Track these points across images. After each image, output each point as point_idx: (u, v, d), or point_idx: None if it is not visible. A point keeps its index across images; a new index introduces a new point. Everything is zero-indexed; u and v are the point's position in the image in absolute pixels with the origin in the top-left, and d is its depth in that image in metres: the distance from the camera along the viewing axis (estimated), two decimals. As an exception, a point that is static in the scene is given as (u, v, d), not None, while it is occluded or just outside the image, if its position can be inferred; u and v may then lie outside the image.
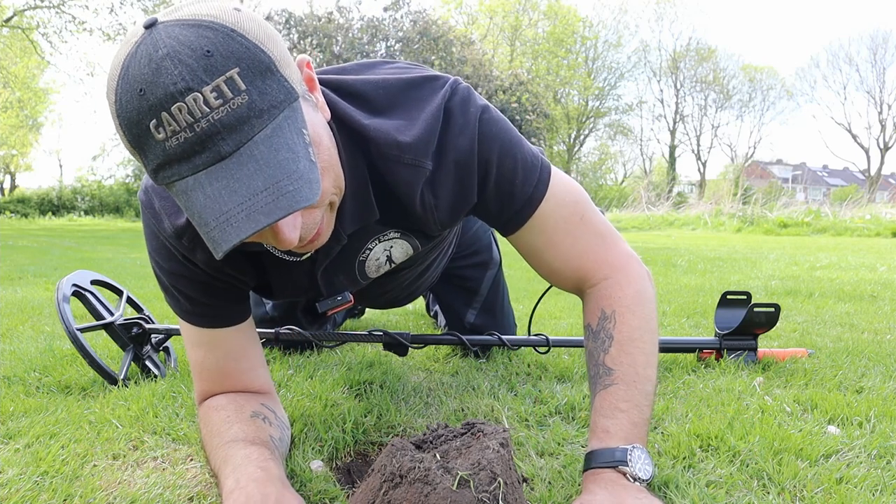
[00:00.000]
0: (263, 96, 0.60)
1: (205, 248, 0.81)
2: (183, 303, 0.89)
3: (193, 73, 0.57)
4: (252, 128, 0.60)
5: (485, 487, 0.63)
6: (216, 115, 0.58)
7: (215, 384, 0.92)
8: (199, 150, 0.59)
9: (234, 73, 0.58)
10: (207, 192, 0.59)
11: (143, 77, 0.58)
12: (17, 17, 14.13)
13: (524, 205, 0.87)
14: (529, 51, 26.23)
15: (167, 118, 0.58)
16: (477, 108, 0.83)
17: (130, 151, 0.64)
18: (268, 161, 0.59)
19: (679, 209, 14.07)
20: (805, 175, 41.12)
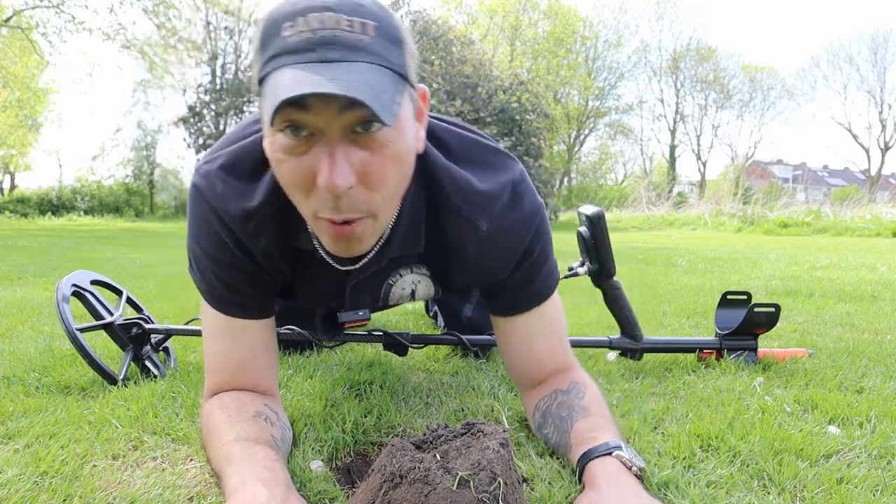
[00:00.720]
0: (386, 51, 0.66)
1: (269, 234, 0.84)
2: (219, 290, 0.89)
3: (342, 4, 0.65)
4: (362, 56, 0.65)
5: (485, 487, 0.63)
6: (340, 32, 0.64)
7: (230, 377, 0.92)
8: (310, 48, 0.64)
9: (371, 24, 0.66)
10: (298, 72, 0.63)
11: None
12: (17, 16, 14.13)
13: (536, 295, 0.96)
14: (529, 50, 26.22)
15: (301, 21, 0.64)
16: (539, 203, 0.92)
17: (253, 55, 0.70)
18: (362, 74, 0.63)
19: (679, 209, 14.07)
20: (805, 175, 41.10)
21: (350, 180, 0.67)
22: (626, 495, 0.72)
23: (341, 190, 0.67)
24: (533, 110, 14.48)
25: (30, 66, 17.33)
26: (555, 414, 0.94)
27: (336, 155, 0.66)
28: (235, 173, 0.84)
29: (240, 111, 15.45)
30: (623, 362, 1.49)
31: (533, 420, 1.01)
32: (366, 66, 0.64)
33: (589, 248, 1.39)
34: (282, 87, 0.62)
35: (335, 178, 0.66)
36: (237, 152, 0.85)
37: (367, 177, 0.69)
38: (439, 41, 14.35)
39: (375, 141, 0.68)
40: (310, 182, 0.69)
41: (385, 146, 0.69)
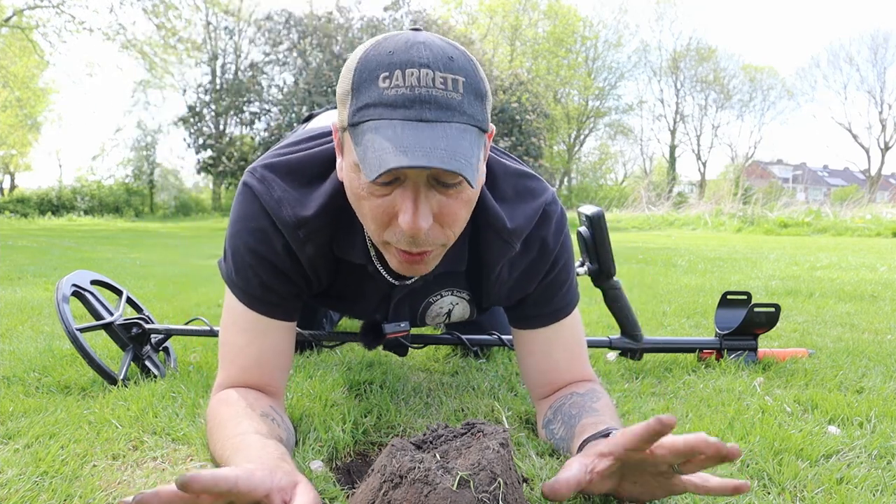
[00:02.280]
0: (471, 107, 0.73)
1: (317, 243, 0.90)
2: (254, 287, 0.91)
3: (437, 61, 0.71)
4: (453, 116, 0.71)
5: (485, 487, 0.63)
6: (435, 91, 0.70)
7: (244, 373, 0.93)
8: (408, 105, 0.69)
9: (461, 80, 0.72)
10: (398, 132, 0.69)
11: (397, 47, 0.71)
12: (17, 16, 14.12)
13: (558, 310, 1.02)
14: (529, 51, 26.21)
15: (399, 74, 0.70)
16: (564, 224, 1.00)
17: (341, 93, 0.75)
18: (454, 139, 0.70)
19: (679, 209, 14.07)
20: (805, 175, 41.11)
21: (429, 222, 0.74)
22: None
23: (422, 233, 0.74)
24: (533, 110, 14.48)
25: (30, 66, 17.33)
26: (566, 412, 0.96)
27: (419, 201, 0.73)
28: (293, 182, 0.89)
29: (240, 111, 15.44)
30: (623, 362, 1.49)
31: (542, 417, 1.02)
32: (456, 127, 0.71)
33: (589, 249, 1.39)
34: (385, 150, 0.68)
35: (418, 222, 0.73)
36: (296, 162, 0.91)
37: (442, 217, 0.77)
38: (439, 41, 14.34)
39: (453, 189, 0.75)
40: (388, 217, 0.76)
41: (461, 192, 0.76)
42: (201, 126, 15.73)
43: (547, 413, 1.01)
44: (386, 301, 1.03)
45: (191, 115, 15.60)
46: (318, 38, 13.97)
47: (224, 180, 15.43)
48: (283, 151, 0.93)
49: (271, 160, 0.91)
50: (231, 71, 18.49)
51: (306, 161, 0.91)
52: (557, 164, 26.41)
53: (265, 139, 14.15)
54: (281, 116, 14.04)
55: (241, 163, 14.30)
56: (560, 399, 1.00)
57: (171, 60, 17.08)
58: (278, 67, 14.98)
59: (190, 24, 15.91)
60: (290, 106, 13.72)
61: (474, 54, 15.16)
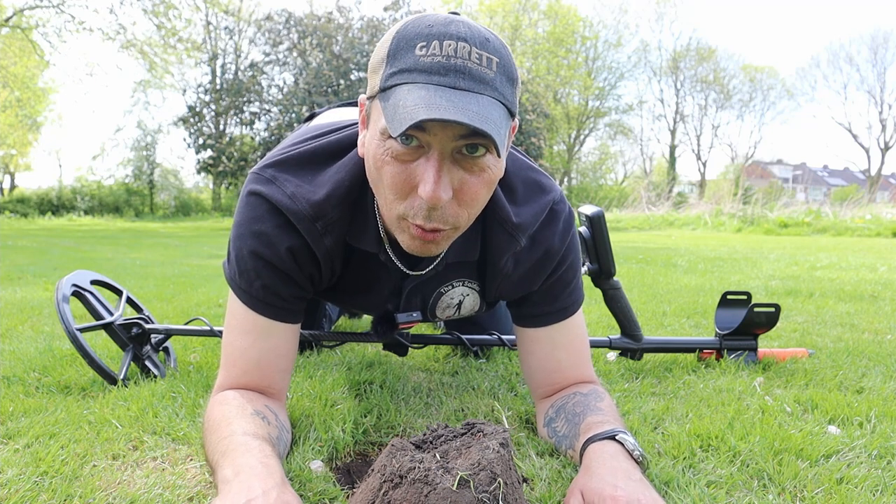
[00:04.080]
0: (503, 87, 0.73)
1: (335, 234, 0.89)
2: (257, 290, 0.91)
3: (473, 37, 0.72)
4: (484, 89, 0.72)
5: (485, 487, 0.63)
6: (471, 64, 0.71)
7: (245, 375, 0.93)
8: (442, 73, 0.70)
9: (495, 60, 0.73)
10: (431, 93, 0.69)
11: (437, 21, 0.73)
12: (17, 16, 14.12)
13: (562, 309, 1.02)
14: (529, 51, 26.20)
15: (436, 45, 0.71)
16: (572, 223, 1.01)
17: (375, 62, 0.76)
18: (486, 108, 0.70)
19: (679, 209, 14.07)
20: (805, 175, 41.09)
21: (449, 195, 0.74)
22: (617, 478, 0.73)
23: (441, 203, 0.74)
24: (533, 110, 14.47)
25: (30, 66, 17.30)
26: (569, 410, 0.96)
27: (442, 171, 0.73)
28: (304, 174, 0.89)
29: (240, 111, 15.43)
30: (623, 362, 1.49)
31: (543, 416, 1.02)
32: (488, 99, 0.71)
33: (589, 249, 1.39)
34: (416, 105, 0.68)
35: (438, 192, 0.72)
36: (306, 155, 0.91)
37: (461, 194, 0.76)
38: (439, 41, 14.34)
39: (477, 165, 0.75)
40: (408, 188, 0.76)
41: (484, 170, 0.76)
42: (201, 126, 15.72)
43: (549, 412, 1.01)
44: (397, 292, 1.02)
45: (191, 115, 15.59)
46: (318, 38, 13.96)
47: (224, 180, 15.40)
48: (287, 148, 0.93)
49: (278, 157, 0.91)
50: (231, 71, 18.49)
51: (314, 152, 0.91)
52: (557, 164, 26.38)
53: (265, 139, 14.14)
54: (281, 116, 14.03)
55: (241, 163, 14.30)
56: (563, 398, 1.00)
57: (171, 60, 17.05)
58: (278, 67, 14.97)
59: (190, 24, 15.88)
60: (290, 106, 13.71)
61: (474, 54, 15.18)
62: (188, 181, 25.90)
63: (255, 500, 0.65)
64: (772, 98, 33.68)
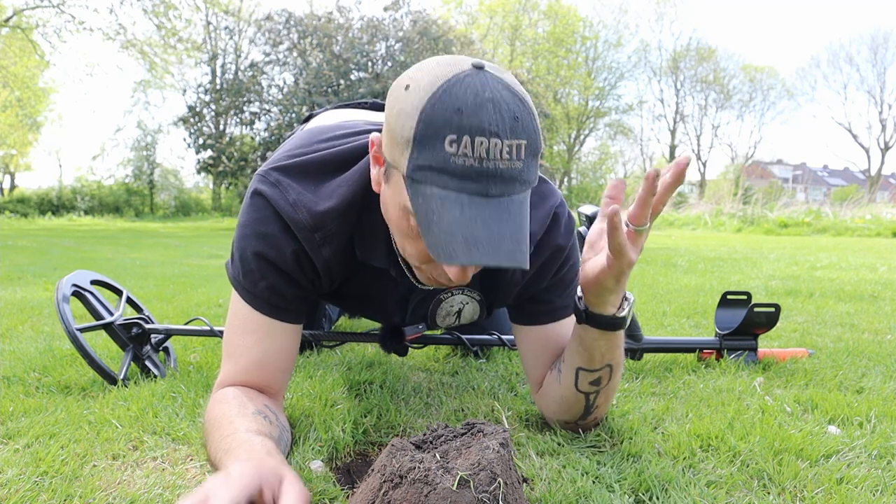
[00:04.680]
0: (529, 171, 0.73)
1: (333, 246, 0.90)
2: (261, 290, 0.91)
3: (504, 125, 0.69)
4: (515, 189, 0.72)
5: (485, 487, 0.63)
6: (501, 164, 0.70)
7: (246, 373, 0.93)
8: (474, 178, 0.70)
9: (523, 144, 0.71)
10: (466, 213, 0.70)
11: (466, 102, 0.68)
12: (17, 16, 14.12)
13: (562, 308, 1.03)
14: (529, 51, 26.19)
15: (467, 141, 0.68)
16: (572, 225, 1.02)
17: (400, 138, 0.72)
18: (517, 218, 0.73)
19: (679, 209, 14.06)
20: (805, 175, 41.08)
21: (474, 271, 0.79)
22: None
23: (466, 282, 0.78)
24: (533, 110, 14.46)
25: (30, 66, 17.30)
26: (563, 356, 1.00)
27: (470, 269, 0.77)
28: (308, 184, 0.89)
29: (240, 111, 15.42)
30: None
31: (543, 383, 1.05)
32: (517, 199, 0.73)
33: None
34: (454, 238, 0.70)
35: (467, 277, 0.78)
36: (311, 163, 0.91)
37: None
38: (439, 41, 14.35)
39: None
40: (432, 259, 0.79)
41: None
42: (201, 126, 15.72)
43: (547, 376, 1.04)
44: (404, 304, 1.04)
45: (191, 115, 15.59)
46: (318, 38, 13.96)
47: (224, 180, 15.39)
48: (294, 153, 0.93)
49: (284, 162, 0.91)
50: (231, 71, 18.48)
51: (322, 162, 0.91)
52: (557, 164, 26.38)
53: (265, 139, 14.14)
54: (281, 116, 14.03)
55: (241, 163, 14.29)
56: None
57: (171, 60, 17.06)
58: (278, 67, 14.96)
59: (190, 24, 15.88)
60: (290, 106, 13.71)
61: (474, 55, 15.19)
62: (188, 181, 25.92)
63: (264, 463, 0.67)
64: (772, 98, 33.70)
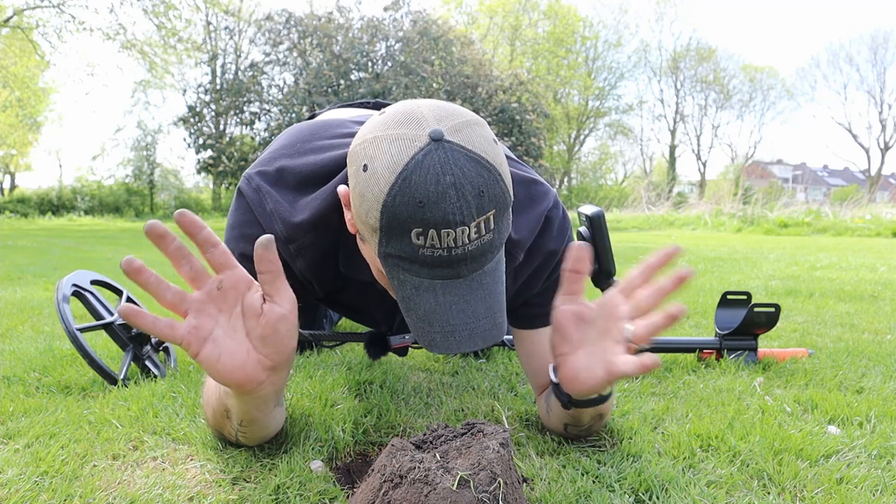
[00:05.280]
0: (500, 234, 0.73)
1: (306, 259, 0.90)
2: None
3: (469, 209, 0.67)
4: (486, 260, 0.73)
5: (485, 487, 0.63)
6: (470, 246, 0.69)
7: None
8: (445, 266, 0.70)
9: (491, 215, 0.69)
10: (440, 300, 0.72)
11: (427, 194, 0.66)
12: (17, 16, 14.11)
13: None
14: (529, 51, 26.19)
15: (433, 235, 0.67)
16: (567, 225, 1.00)
17: (365, 223, 0.72)
18: (490, 291, 0.73)
19: (679, 209, 14.07)
20: (805, 175, 41.09)
21: None
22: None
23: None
24: (533, 110, 14.47)
25: (30, 66, 17.29)
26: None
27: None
28: (286, 192, 0.89)
29: (240, 111, 15.43)
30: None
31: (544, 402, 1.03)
32: (490, 269, 0.74)
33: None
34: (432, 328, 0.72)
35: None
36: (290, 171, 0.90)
37: None
38: (439, 41, 14.35)
39: None
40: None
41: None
42: (201, 126, 15.72)
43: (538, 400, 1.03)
44: (391, 314, 1.04)
45: (191, 115, 15.59)
46: (318, 38, 13.96)
47: (224, 180, 15.39)
48: (278, 155, 0.93)
49: (267, 168, 0.91)
50: (231, 71, 18.48)
51: (301, 174, 0.90)
52: (557, 164, 26.38)
53: (265, 139, 14.15)
54: (281, 116, 14.04)
55: (242, 163, 14.30)
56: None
57: (171, 60, 17.05)
58: (278, 67, 14.97)
59: (190, 24, 15.87)
60: (290, 106, 13.71)
61: (474, 54, 15.18)
62: (188, 181, 25.90)
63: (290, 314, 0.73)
64: (772, 98, 33.70)
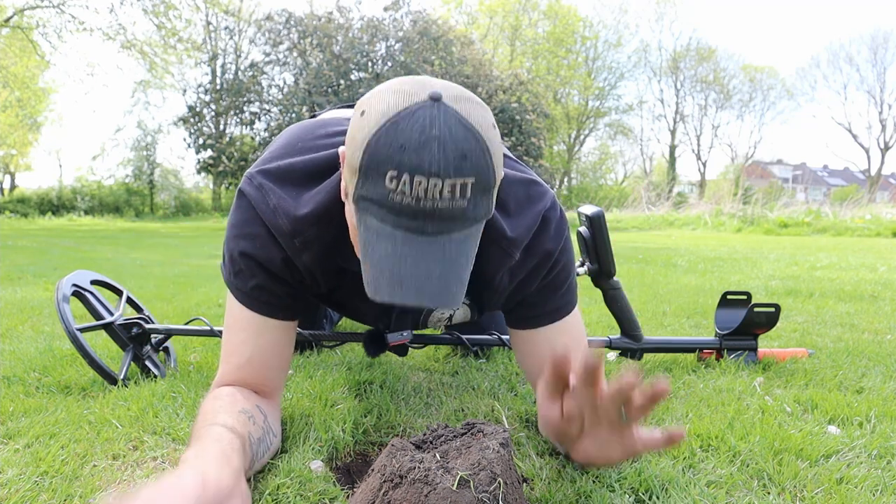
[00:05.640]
0: (476, 209, 0.72)
1: (312, 252, 0.90)
2: (251, 288, 0.92)
3: (447, 165, 0.67)
4: (455, 227, 0.71)
5: (485, 487, 0.63)
6: (440, 204, 0.69)
7: (239, 371, 0.93)
8: (410, 216, 0.69)
9: (469, 182, 0.69)
10: (397, 250, 0.70)
11: (410, 139, 0.67)
12: (17, 16, 14.11)
13: (556, 310, 1.02)
14: (529, 51, 26.20)
15: (406, 180, 0.67)
16: (564, 227, 1.00)
17: (350, 162, 0.72)
18: (451, 259, 0.72)
19: (679, 209, 14.07)
20: (805, 175, 41.08)
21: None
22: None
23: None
24: (533, 110, 14.48)
25: (30, 66, 17.29)
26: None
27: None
28: (289, 188, 0.89)
29: (240, 111, 15.44)
30: (623, 362, 1.49)
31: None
32: (457, 237, 0.72)
33: (589, 248, 1.39)
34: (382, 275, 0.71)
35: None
36: (295, 168, 0.91)
37: None
38: (439, 41, 14.36)
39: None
40: None
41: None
42: (201, 126, 15.73)
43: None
44: (388, 312, 1.04)
45: (191, 115, 15.60)
46: (318, 38, 13.97)
47: (224, 180, 15.41)
48: (278, 155, 0.94)
49: (269, 166, 0.92)
50: (231, 71, 18.50)
51: (304, 169, 0.91)
52: (557, 164, 26.38)
53: (265, 139, 14.16)
54: (281, 116, 14.04)
55: (242, 163, 14.31)
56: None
57: (171, 60, 17.05)
58: (278, 67, 14.98)
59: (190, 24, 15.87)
60: (290, 106, 13.72)
61: (474, 54, 15.18)
62: (188, 181, 25.89)
63: (210, 481, 0.64)
64: (772, 98, 33.70)
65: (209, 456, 0.71)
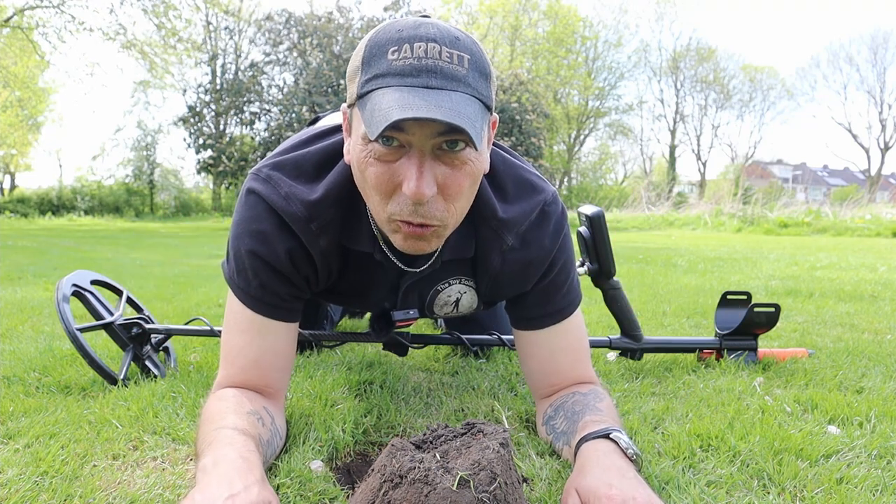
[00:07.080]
0: (476, 82, 0.75)
1: (330, 235, 0.90)
2: (254, 288, 0.92)
3: (443, 37, 0.74)
4: (458, 87, 0.73)
5: (485, 487, 0.63)
6: (441, 63, 0.73)
7: (242, 373, 0.93)
8: (414, 74, 0.72)
9: (466, 57, 0.74)
10: (405, 95, 0.71)
11: (406, 25, 0.75)
12: (17, 16, 14.11)
13: (558, 311, 1.02)
14: (529, 51, 26.19)
15: (407, 48, 0.73)
16: (564, 224, 1.00)
17: (351, 71, 0.78)
18: (459, 103, 0.72)
19: (679, 209, 14.07)
20: (805, 175, 41.09)
21: (433, 190, 0.75)
22: (612, 476, 0.73)
23: (426, 198, 0.75)
24: (533, 110, 14.46)
25: (30, 66, 17.28)
26: (569, 408, 0.97)
27: (424, 168, 0.74)
28: (299, 176, 0.91)
29: (240, 111, 15.43)
30: (623, 362, 1.49)
31: (542, 415, 1.02)
32: (461, 95, 0.73)
33: (589, 248, 1.39)
34: (391, 107, 0.70)
35: (422, 187, 0.74)
36: (302, 158, 0.92)
37: (446, 189, 0.78)
38: (439, 41, 14.32)
39: (458, 159, 0.76)
40: (393, 187, 0.77)
41: (465, 164, 0.77)
42: (201, 126, 15.72)
43: (548, 410, 1.01)
44: (395, 290, 1.03)
45: (191, 115, 15.59)
46: (318, 38, 13.95)
47: (224, 180, 15.38)
48: (286, 151, 0.94)
49: (276, 159, 0.92)
50: (231, 71, 18.49)
51: (311, 156, 0.92)
52: (557, 164, 26.39)
53: (265, 139, 14.13)
54: (281, 116, 14.03)
55: (242, 163, 14.29)
56: (562, 397, 1.00)
57: (172, 60, 17.04)
58: (278, 67, 14.97)
59: (190, 24, 15.86)
60: (290, 106, 13.71)
61: (474, 54, 15.18)
62: (188, 181, 25.92)
63: (237, 497, 0.65)
64: (772, 98, 33.71)
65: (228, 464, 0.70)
